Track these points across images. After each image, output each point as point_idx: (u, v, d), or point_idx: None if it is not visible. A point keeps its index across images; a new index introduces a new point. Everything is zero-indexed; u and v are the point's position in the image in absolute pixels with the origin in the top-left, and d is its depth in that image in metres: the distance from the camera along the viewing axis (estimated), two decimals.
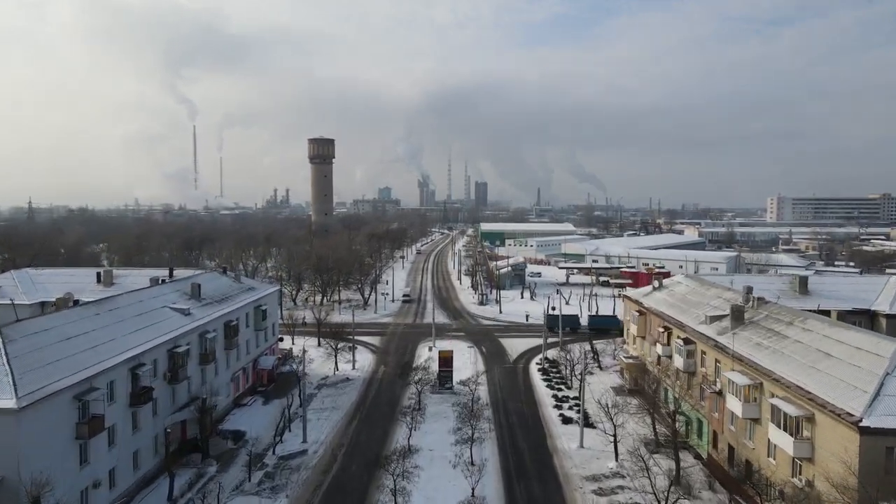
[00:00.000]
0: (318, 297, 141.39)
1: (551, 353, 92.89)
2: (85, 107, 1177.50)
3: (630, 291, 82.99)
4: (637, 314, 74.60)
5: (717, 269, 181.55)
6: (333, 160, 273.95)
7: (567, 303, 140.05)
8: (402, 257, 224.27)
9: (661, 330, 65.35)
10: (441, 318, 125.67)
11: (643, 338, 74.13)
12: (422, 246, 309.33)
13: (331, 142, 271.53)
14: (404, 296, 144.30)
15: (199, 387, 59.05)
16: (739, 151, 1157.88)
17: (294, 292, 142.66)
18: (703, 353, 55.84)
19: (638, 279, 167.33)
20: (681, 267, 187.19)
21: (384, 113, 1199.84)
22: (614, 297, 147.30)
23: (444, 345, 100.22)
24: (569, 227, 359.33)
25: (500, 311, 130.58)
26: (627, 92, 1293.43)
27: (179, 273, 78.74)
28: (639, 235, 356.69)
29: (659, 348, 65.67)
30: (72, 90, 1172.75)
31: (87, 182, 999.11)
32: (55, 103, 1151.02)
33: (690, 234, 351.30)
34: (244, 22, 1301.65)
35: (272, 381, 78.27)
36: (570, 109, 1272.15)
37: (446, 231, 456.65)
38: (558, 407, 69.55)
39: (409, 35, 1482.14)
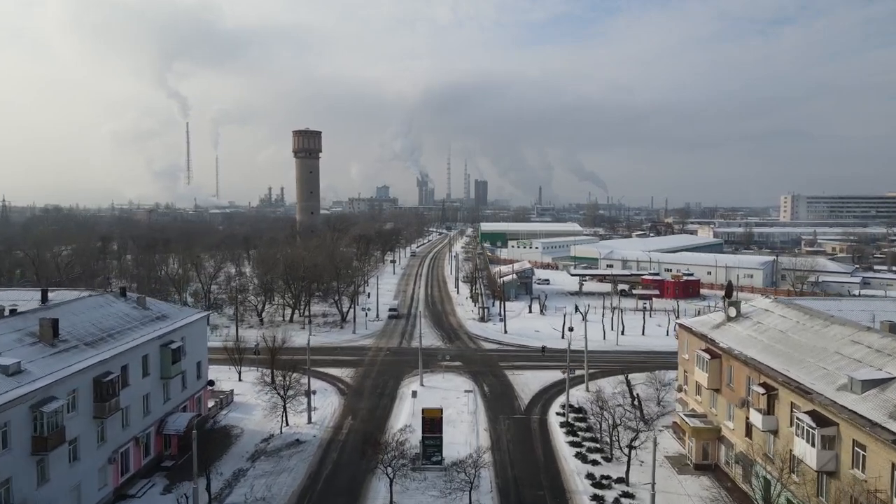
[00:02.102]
0: (289, 313, 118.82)
1: (575, 396, 70.27)
2: (77, 104, 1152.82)
3: (690, 321, 60.22)
4: (707, 356, 51.89)
5: (751, 276, 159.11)
6: (320, 154, 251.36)
7: (584, 318, 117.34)
8: (394, 262, 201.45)
9: (761, 391, 42.67)
10: (433, 339, 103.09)
11: (717, 391, 51.49)
12: (417, 248, 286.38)
13: (317, 134, 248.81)
14: (391, 310, 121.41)
15: (34, 490, 36.49)
16: (742, 150, 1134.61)
17: (261, 306, 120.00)
18: (861, 446, 33.19)
19: (664, 288, 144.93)
20: (709, 273, 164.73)
21: (383, 111, 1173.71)
22: (642, 311, 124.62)
23: (435, 381, 77.80)
24: (575, 226, 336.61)
25: (505, 331, 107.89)
26: (629, 90, 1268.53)
27: (60, 295, 55.97)
28: (649, 236, 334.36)
29: (755, 417, 43.06)
30: (64, 87, 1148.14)
31: (83, 181, 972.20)
32: (47, 100, 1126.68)
33: (704, 235, 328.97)
34: (241, 18, 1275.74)
35: (190, 448, 55.49)
36: (570, 108, 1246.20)
37: (444, 231, 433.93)
38: (599, 499, 46.90)
39: (410, 34, 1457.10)
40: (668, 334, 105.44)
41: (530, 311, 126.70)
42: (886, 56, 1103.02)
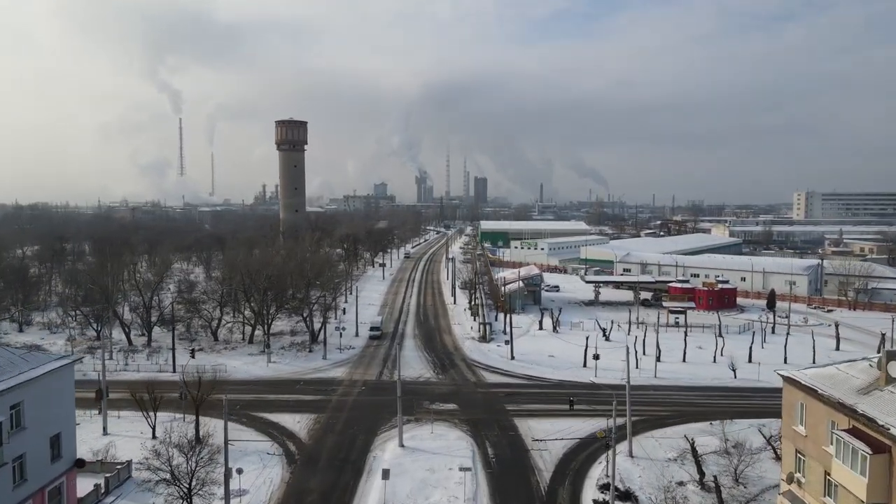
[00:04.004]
0: (249, 331, 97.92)
1: (618, 467, 49.40)
2: (71, 101, 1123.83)
3: (808, 375, 39.02)
4: (863, 447, 31.03)
5: (794, 282, 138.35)
6: (306, 147, 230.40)
7: (607, 338, 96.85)
8: (383, 265, 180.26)
9: None
10: (422, 368, 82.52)
11: None
12: (412, 248, 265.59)
13: (302, 125, 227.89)
14: (372, 329, 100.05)
15: None
16: (746, 147, 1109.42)
17: (216, 323, 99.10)
18: None
19: (696, 297, 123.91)
20: (743, 279, 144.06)
21: (382, 107, 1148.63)
22: (675, 326, 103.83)
23: (420, 439, 57.09)
24: (582, 225, 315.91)
25: (512, 357, 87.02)
26: (630, 87, 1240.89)
27: None
28: (659, 235, 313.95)
29: None
30: (54, 83, 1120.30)
31: (77, 179, 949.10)
32: (37, 96, 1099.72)
33: (719, 234, 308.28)
34: (236, 10, 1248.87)
35: None
36: (571, 104, 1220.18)
37: (443, 230, 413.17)
38: None
39: (410, 28, 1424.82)
40: (714, 361, 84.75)
41: (541, 328, 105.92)
42: (889, 53, 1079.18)
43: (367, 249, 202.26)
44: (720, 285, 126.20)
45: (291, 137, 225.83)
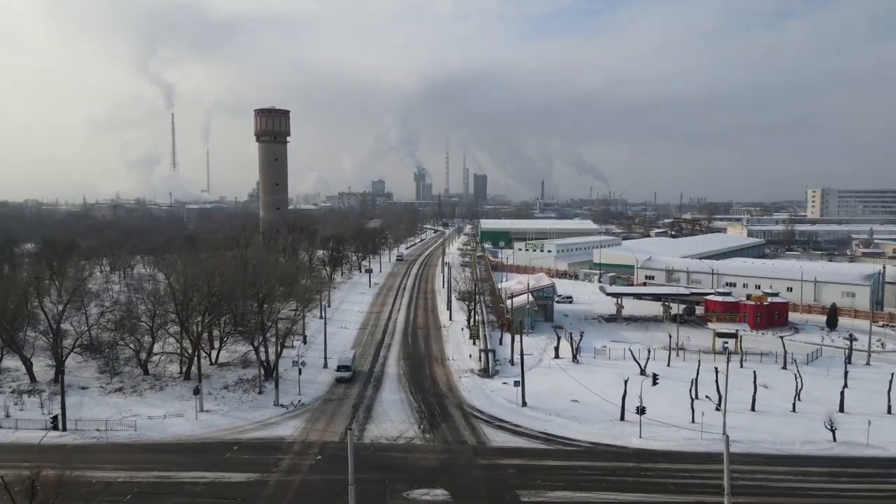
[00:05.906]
0: (187, 363, 76.76)
1: None
2: (67, 98, 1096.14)
3: None
4: None
5: (852, 294, 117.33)
6: (288, 138, 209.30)
7: (652, 377, 75.52)
8: (370, 271, 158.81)
9: None
10: (404, 421, 61.38)
11: None
12: (406, 249, 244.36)
13: (284, 114, 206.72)
14: (340, 368, 76.54)
15: None
16: (748, 144, 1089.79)
17: (145, 353, 78.01)
18: None
19: (740, 312, 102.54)
20: (789, 289, 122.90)
21: (381, 104, 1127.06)
22: (723, 353, 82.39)
23: None
24: (588, 224, 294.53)
25: (523, 402, 66.01)
26: (631, 84, 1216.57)
27: None
28: (670, 235, 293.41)
29: None
30: (52, 81, 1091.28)
31: (73, 177, 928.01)
32: (34, 95, 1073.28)
33: (736, 234, 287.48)
34: (233, 6, 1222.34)
35: None
36: (572, 101, 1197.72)
37: (441, 228, 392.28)
38: None
39: (411, 25, 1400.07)
40: (794, 409, 63.85)
41: (556, 356, 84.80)
42: (889, 52, 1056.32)
43: (356, 251, 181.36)
44: (770, 298, 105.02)
45: (272, 128, 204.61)
